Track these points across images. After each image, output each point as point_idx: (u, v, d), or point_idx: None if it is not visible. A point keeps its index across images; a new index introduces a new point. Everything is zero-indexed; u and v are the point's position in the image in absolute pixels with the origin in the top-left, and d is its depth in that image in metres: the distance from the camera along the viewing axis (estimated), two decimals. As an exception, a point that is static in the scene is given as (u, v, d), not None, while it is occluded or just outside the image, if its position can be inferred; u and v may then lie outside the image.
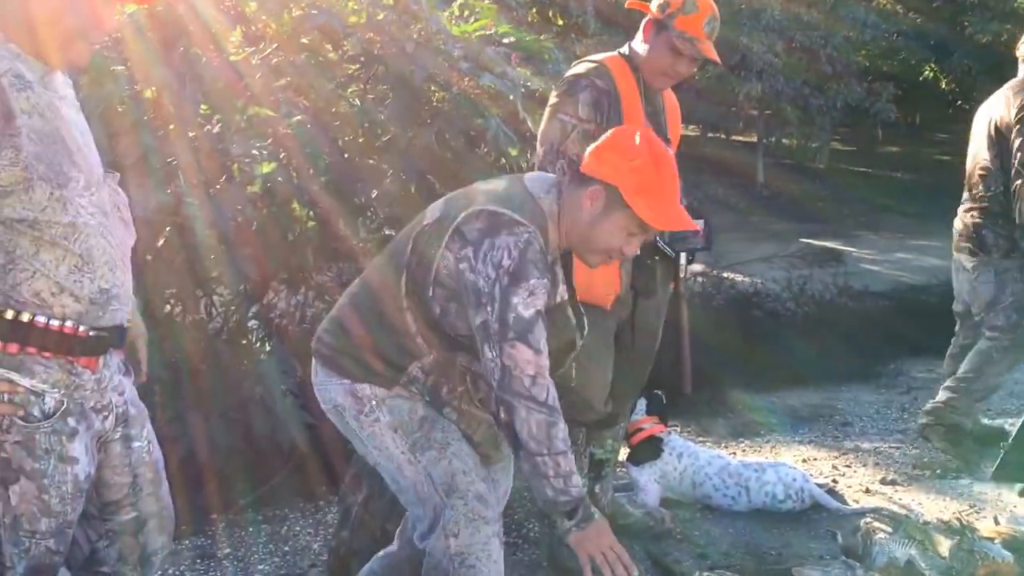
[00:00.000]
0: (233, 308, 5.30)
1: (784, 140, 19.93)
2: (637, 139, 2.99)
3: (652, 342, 4.23)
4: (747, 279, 9.86)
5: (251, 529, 4.64)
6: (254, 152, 4.68)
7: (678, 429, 6.06)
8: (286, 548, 4.50)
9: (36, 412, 2.52)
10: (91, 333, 2.58)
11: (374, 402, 3.07)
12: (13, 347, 2.49)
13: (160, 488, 2.90)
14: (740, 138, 20.97)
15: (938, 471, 5.44)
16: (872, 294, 9.39)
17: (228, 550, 4.35)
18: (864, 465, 5.62)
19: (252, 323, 5.48)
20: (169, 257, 4.69)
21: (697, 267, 7.73)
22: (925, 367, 8.04)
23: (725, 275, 9.28)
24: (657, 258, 3.98)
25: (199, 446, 4.54)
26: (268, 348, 5.19)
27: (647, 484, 4.84)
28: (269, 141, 4.73)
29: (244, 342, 5.30)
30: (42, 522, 2.59)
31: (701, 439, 6.05)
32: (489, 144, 5.10)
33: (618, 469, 4.93)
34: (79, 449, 2.61)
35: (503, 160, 5.22)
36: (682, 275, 4.13)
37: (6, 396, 2.48)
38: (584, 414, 4.02)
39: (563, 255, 3.14)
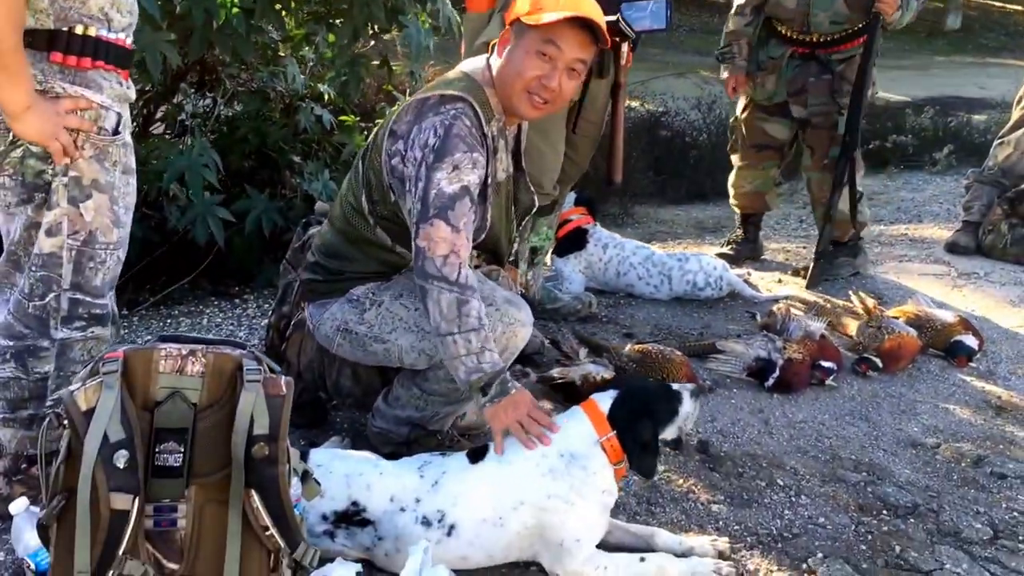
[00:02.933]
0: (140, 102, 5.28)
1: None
2: None
3: (598, 124, 4.32)
4: (658, 96, 10.08)
5: (169, 321, 4.68)
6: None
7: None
8: (210, 336, 4.58)
9: (107, 126, 2.63)
10: (133, 47, 2.69)
11: (371, 294, 3.16)
12: (86, 62, 2.56)
13: None
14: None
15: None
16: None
17: (148, 337, 4.34)
18: (774, 260, 5.97)
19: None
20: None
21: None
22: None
23: (633, 92, 9.44)
24: (617, 39, 3.89)
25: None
26: (183, 146, 5.12)
27: (571, 274, 5.05)
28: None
29: (154, 139, 5.33)
30: (114, 232, 2.72)
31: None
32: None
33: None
34: (134, 161, 2.76)
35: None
36: (623, 63, 4.11)
37: (82, 113, 2.58)
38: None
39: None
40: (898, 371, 4.38)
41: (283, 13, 5.21)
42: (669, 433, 2.86)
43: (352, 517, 2.78)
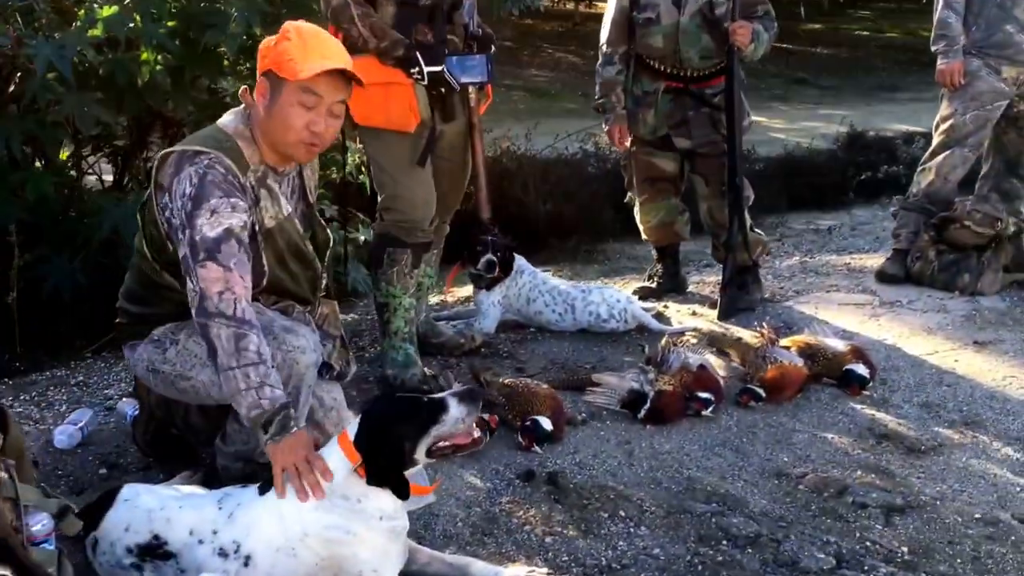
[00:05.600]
0: (92, 153, 5.47)
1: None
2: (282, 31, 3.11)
3: (459, 164, 4.44)
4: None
5: (111, 362, 4.68)
6: (97, -2, 4.79)
7: (550, 272, 6.35)
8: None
9: None
10: None
11: (170, 334, 3.20)
12: None
13: None
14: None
15: (775, 297, 5.77)
16: (768, 158, 9.60)
17: (81, 378, 4.47)
18: (699, 293, 5.90)
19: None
20: (17, 101, 4.78)
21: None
22: (804, 220, 8.53)
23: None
24: (443, 90, 4.15)
25: (63, 286, 4.68)
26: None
27: (487, 308, 5.07)
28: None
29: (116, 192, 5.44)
30: None
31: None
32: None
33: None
34: None
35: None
36: (472, 105, 4.28)
37: None
38: (411, 235, 4.26)
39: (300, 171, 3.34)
40: (783, 401, 4.33)
41: (225, 64, 5.25)
42: (426, 444, 2.79)
43: (155, 550, 2.81)
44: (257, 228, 3.10)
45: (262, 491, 2.81)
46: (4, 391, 4.30)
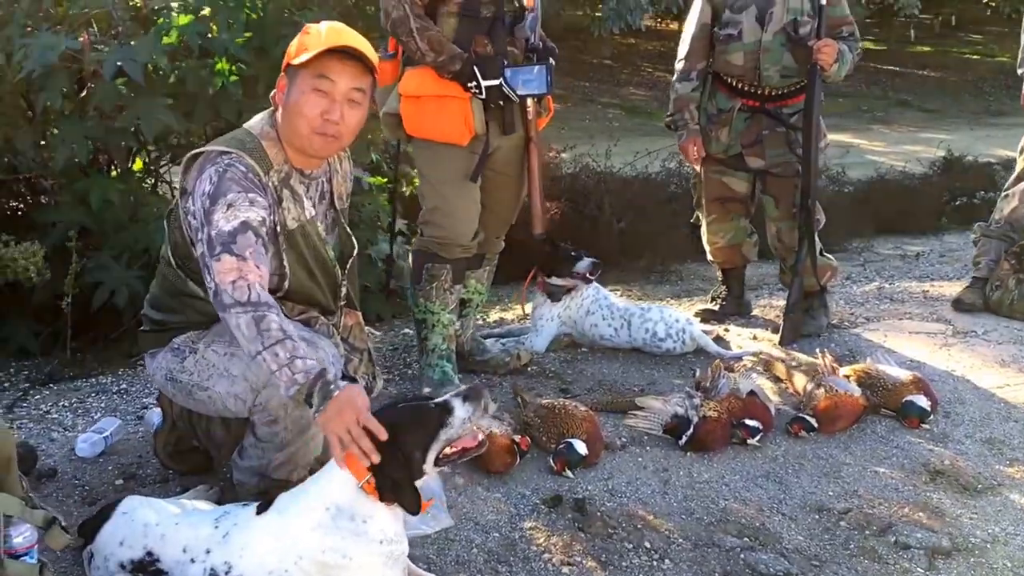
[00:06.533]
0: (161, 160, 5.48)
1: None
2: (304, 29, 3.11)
3: (513, 178, 4.38)
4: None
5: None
6: (173, 4, 4.82)
7: (618, 292, 6.25)
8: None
9: None
10: None
11: (190, 342, 3.17)
12: None
13: None
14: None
15: (844, 324, 5.57)
16: (858, 180, 9.34)
17: (124, 386, 4.47)
18: (763, 317, 5.71)
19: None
20: (86, 107, 4.82)
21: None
22: (892, 245, 8.26)
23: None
24: (502, 103, 4.10)
25: (119, 293, 4.67)
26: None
27: (546, 325, 4.99)
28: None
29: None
30: None
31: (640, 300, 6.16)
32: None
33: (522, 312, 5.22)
34: None
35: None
36: (529, 118, 4.22)
37: None
38: (450, 251, 4.22)
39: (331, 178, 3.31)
40: (836, 431, 4.15)
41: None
42: (436, 450, 2.71)
43: (147, 567, 2.76)
44: (279, 229, 3.06)
45: (259, 511, 2.75)
46: (47, 396, 4.33)
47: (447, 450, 2.73)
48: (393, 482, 2.65)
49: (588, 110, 14.69)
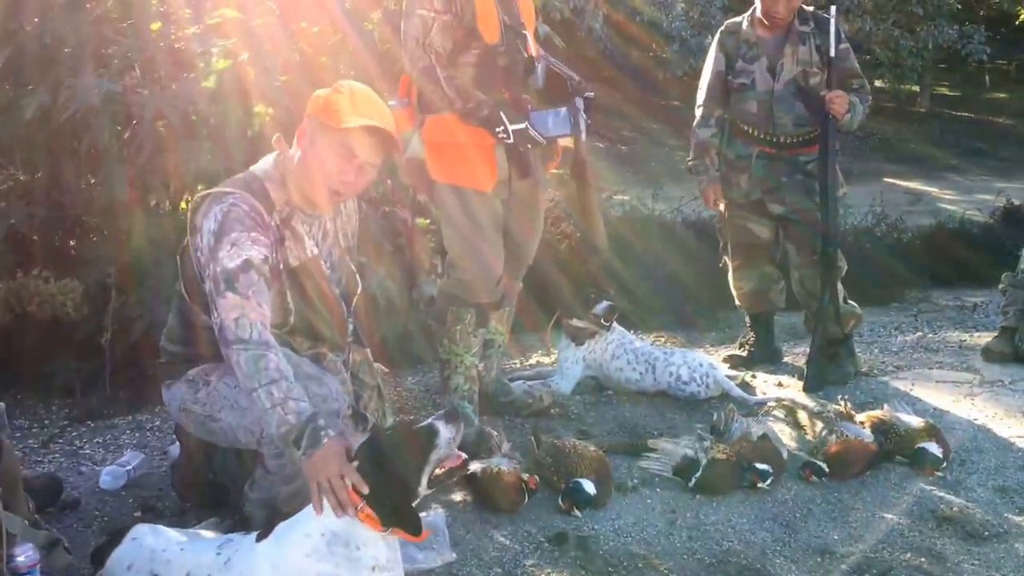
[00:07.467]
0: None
1: (876, 82, 19.60)
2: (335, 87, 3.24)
3: (533, 219, 4.48)
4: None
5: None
6: (214, 49, 4.99)
7: (663, 339, 6.34)
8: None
9: None
10: None
11: (204, 375, 3.31)
12: None
13: None
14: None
15: (873, 372, 5.60)
16: (916, 227, 9.28)
17: (158, 423, 4.60)
18: (792, 364, 5.72)
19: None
20: (128, 148, 5.01)
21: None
22: (951, 295, 8.17)
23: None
24: (530, 146, 4.15)
25: (157, 327, 4.82)
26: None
27: (572, 367, 5.08)
28: (233, 41, 5.01)
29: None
30: None
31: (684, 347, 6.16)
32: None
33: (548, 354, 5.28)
34: None
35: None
36: (582, 155, 4.34)
37: None
38: (474, 295, 4.31)
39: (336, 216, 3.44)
40: (847, 477, 4.18)
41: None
42: (428, 472, 2.82)
43: (152, 593, 2.86)
44: (282, 266, 3.20)
45: (259, 539, 2.86)
46: (84, 433, 4.49)
47: (436, 470, 2.85)
48: (393, 508, 2.76)
49: (654, 153, 14.74)
